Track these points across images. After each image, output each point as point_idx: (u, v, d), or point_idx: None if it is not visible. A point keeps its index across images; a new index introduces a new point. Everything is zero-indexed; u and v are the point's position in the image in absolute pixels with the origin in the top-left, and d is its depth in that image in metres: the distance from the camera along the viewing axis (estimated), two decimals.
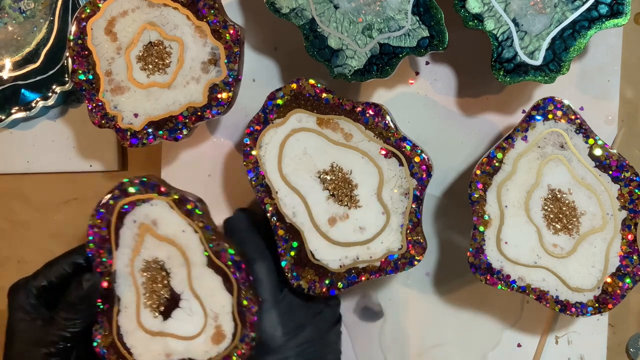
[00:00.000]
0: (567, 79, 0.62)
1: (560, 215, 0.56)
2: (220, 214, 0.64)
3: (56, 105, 0.71)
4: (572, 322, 0.64)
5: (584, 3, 0.55)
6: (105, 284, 0.59)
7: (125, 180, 0.58)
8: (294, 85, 0.59)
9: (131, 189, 0.58)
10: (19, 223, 0.75)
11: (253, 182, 0.60)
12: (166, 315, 0.58)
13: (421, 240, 0.57)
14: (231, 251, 0.57)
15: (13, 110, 0.70)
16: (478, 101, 0.64)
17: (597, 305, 0.56)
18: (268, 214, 0.59)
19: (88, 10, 0.61)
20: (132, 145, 0.61)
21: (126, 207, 0.58)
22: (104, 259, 0.59)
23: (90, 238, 0.59)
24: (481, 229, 0.57)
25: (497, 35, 0.56)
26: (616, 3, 0.54)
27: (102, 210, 0.58)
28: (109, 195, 0.58)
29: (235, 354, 0.57)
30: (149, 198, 0.58)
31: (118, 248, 0.59)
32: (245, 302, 0.57)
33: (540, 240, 0.56)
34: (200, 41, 0.60)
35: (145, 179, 0.58)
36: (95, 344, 0.59)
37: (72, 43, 0.62)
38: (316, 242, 0.59)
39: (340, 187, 0.59)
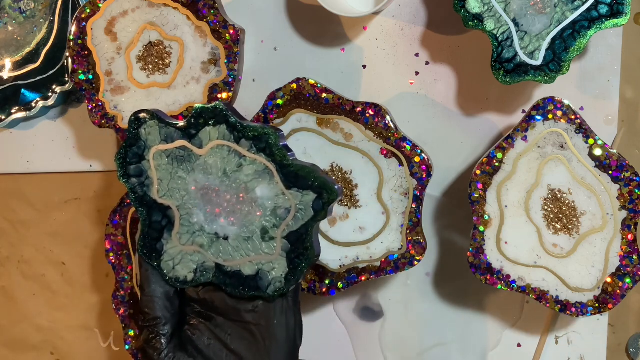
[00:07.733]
0: (567, 79, 0.62)
1: (560, 215, 0.56)
2: None
3: (56, 105, 0.71)
4: (572, 322, 0.64)
5: (584, 3, 0.55)
6: (128, 290, 0.61)
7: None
8: (294, 85, 0.59)
9: None
10: (19, 223, 0.75)
11: None
12: None
13: (421, 240, 0.57)
14: None
15: (13, 110, 0.70)
16: (478, 101, 0.64)
17: (597, 305, 0.56)
18: None
19: (88, 10, 0.62)
20: None
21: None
22: (123, 265, 0.61)
23: (109, 247, 0.61)
24: (481, 229, 0.57)
25: (497, 35, 0.56)
26: (616, 3, 0.54)
27: (115, 218, 0.59)
28: (120, 204, 0.59)
29: None
30: None
31: (136, 253, 0.60)
32: None
33: (540, 240, 0.56)
34: (200, 41, 0.60)
35: None
36: (127, 347, 0.61)
37: (72, 43, 0.62)
38: None
39: None
